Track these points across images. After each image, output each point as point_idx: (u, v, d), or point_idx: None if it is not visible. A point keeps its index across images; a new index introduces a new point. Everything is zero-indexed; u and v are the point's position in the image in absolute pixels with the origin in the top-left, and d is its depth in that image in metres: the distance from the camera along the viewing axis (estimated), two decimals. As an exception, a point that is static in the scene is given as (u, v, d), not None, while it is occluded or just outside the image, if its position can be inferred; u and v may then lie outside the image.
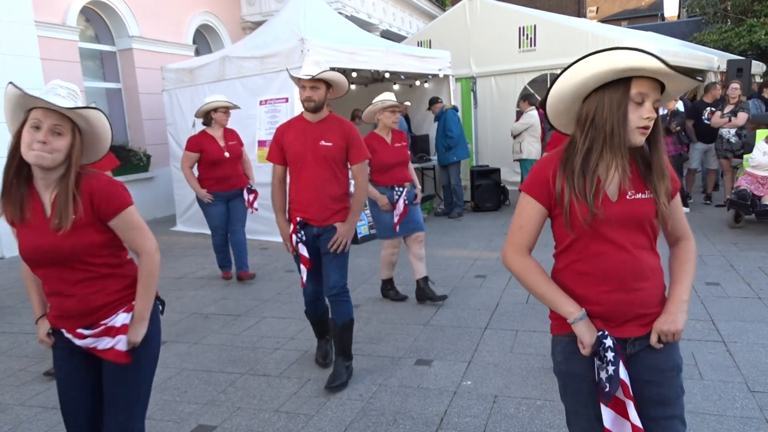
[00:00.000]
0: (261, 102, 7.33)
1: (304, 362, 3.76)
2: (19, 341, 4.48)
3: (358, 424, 2.95)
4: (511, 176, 10.29)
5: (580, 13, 28.26)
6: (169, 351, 4.09)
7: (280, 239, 3.58)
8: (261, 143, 7.33)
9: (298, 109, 6.86)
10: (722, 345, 3.64)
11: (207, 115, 5.44)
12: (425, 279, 4.77)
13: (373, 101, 4.63)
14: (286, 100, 7.08)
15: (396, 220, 4.60)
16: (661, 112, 7.93)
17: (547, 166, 1.67)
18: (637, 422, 1.60)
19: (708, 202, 8.61)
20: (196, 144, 5.39)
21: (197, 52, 11.30)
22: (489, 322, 4.29)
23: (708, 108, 8.36)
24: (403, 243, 4.90)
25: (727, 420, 2.79)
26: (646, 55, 1.47)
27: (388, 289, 4.98)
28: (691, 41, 16.72)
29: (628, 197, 1.63)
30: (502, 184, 9.30)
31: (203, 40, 12.11)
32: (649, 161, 1.65)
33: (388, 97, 4.61)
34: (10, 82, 1.82)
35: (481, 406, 3.07)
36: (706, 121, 8.34)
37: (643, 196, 1.64)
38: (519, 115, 8.96)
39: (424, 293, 4.75)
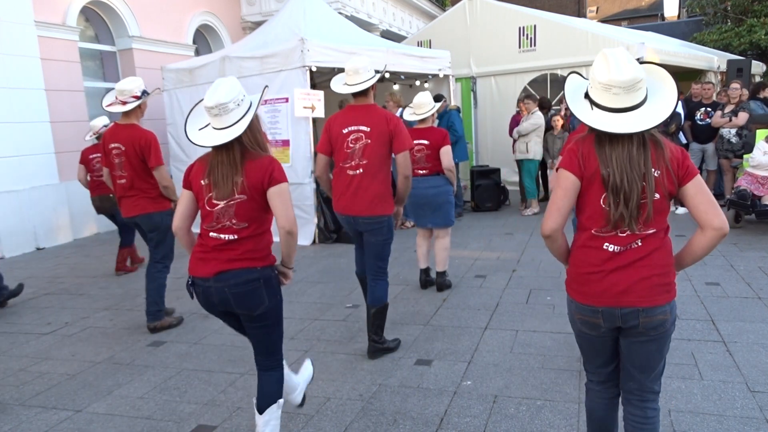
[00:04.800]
0: (261, 102, 7.31)
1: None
2: (19, 341, 4.48)
3: (358, 424, 2.95)
4: (511, 176, 10.28)
5: (580, 13, 28.26)
6: (169, 351, 4.09)
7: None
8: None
9: (299, 109, 6.89)
10: (722, 345, 3.64)
11: None
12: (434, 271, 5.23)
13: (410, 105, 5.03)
14: (286, 100, 7.08)
15: None
16: None
17: None
18: None
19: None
20: None
21: (197, 52, 11.30)
22: (489, 322, 4.29)
23: (702, 108, 8.37)
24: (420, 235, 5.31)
25: (727, 420, 2.79)
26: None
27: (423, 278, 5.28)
28: (691, 41, 16.70)
29: None
30: (502, 184, 9.29)
31: (203, 40, 12.11)
32: None
33: (424, 100, 4.91)
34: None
35: (481, 406, 3.06)
36: (699, 122, 8.35)
37: None
38: (516, 115, 8.93)
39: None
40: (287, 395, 2.83)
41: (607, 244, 1.96)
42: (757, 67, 13.51)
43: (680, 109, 8.15)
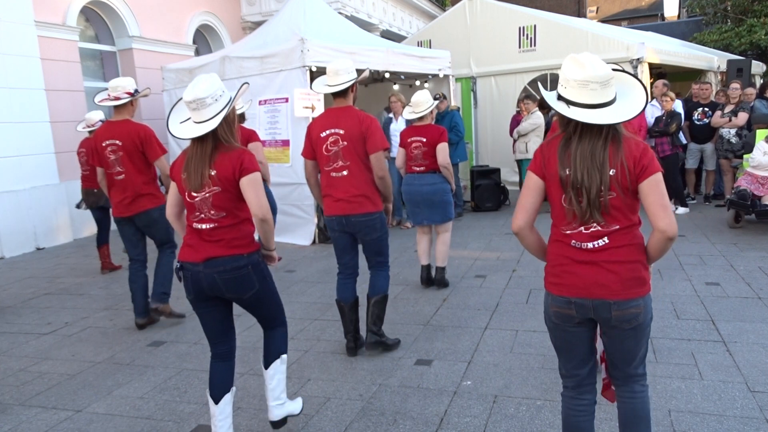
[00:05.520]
0: (260, 102, 7.33)
1: (304, 362, 3.76)
2: (19, 341, 4.48)
3: (358, 424, 2.95)
4: (511, 176, 10.28)
5: (580, 13, 28.25)
6: (169, 351, 4.09)
7: (280, 239, 3.68)
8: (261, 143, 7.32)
9: (299, 109, 6.89)
10: (722, 345, 3.64)
11: (242, 116, 5.62)
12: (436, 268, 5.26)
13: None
14: (286, 100, 7.08)
15: None
16: (659, 112, 7.94)
17: None
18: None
19: (708, 202, 8.61)
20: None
21: (197, 52, 11.30)
22: (489, 322, 4.29)
23: (700, 108, 8.38)
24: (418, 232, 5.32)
25: (727, 420, 2.79)
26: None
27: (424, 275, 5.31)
28: (691, 41, 16.69)
29: None
30: (502, 184, 9.29)
31: (203, 40, 12.11)
32: None
33: (422, 98, 4.92)
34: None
35: (481, 406, 3.07)
36: (696, 122, 8.36)
37: None
38: (517, 115, 8.93)
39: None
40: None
41: (574, 241, 2.03)
42: (757, 67, 13.51)
43: (680, 109, 8.15)
